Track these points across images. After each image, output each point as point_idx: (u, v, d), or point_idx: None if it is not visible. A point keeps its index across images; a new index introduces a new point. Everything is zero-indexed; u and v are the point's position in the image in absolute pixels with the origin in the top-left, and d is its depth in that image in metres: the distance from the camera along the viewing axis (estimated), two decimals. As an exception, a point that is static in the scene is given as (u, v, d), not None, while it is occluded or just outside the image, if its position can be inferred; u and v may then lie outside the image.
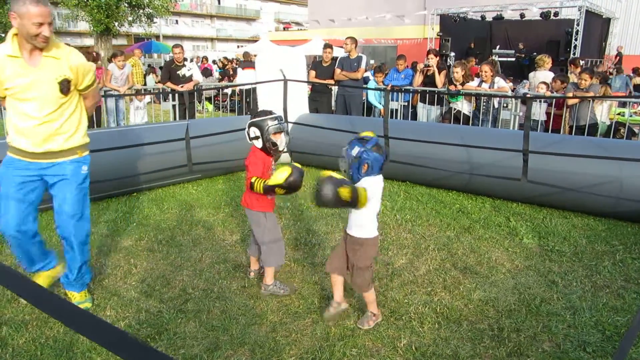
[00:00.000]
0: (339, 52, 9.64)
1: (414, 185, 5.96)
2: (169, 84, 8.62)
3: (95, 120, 8.22)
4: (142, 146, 5.25)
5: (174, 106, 8.65)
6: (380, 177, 2.81)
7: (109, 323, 0.91)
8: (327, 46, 8.52)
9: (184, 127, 5.51)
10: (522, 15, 17.01)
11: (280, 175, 2.92)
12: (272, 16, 54.99)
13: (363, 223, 2.81)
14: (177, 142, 5.44)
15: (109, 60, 9.38)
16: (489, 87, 7.14)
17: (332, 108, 9.13)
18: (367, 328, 2.88)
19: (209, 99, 13.29)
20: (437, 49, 14.70)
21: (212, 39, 49.95)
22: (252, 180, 3.09)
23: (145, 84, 11.12)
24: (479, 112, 7.25)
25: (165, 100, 9.24)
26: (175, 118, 8.59)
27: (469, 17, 17.52)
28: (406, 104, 8.56)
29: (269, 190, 3.01)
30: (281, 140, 3.22)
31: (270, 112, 3.25)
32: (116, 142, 5.18)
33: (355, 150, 2.74)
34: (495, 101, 7.14)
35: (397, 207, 5.14)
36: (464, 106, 7.44)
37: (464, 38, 17.59)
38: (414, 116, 8.53)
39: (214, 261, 3.81)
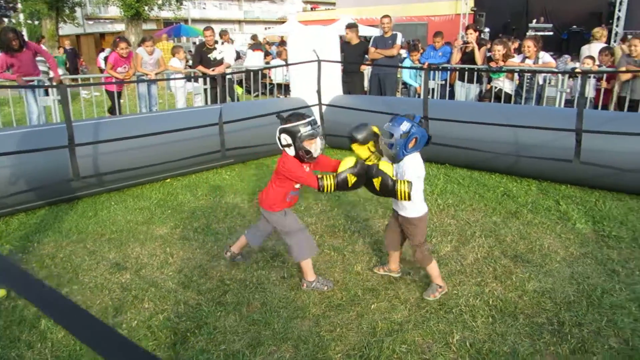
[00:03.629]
0: (367, 32, 9.33)
1: (453, 167, 5.71)
2: (200, 67, 8.51)
3: (127, 105, 8.21)
4: (175, 132, 5.14)
5: (205, 90, 8.54)
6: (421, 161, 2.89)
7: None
8: (351, 25, 8.22)
9: (217, 112, 5.38)
10: (561, -13, 16.17)
11: (349, 164, 2.82)
12: (299, -4, 54.26)
13: (416, 202, 2.88)
14: (210, 127, 5.32)
15: (139, 45, 9.32)
16: (533, 63, 6.74)
17: (365, 89, 8.88)
18: (433, 299, 2.93)
19: (239, 83, 13.17)
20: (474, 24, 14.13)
21: (239, 22, 49.73)
22: (319, 179, 2.84)
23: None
24: (522, 90, 6.88)
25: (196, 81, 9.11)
26: (206, 102, 8.49)
27: (505, -10, 16.78)
28: (443, 82, 8.22)
29: (343, 183, 2.81)
30: (316, 147, 2.89)
31: (303, 116, 2.89)
32: (149, 128, 5.10)
33: (405, 126, 2.76)
34: (540, 78, 6.74)
35: (437, 191, 4.91)
36: (505, 84, 7.06)
37: (500, 13, 16.87)
38: (452, 95, 8.19)
39: (251, 250, 3.70)
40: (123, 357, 0.77)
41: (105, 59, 10.64)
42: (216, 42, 8.92)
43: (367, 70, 8.70)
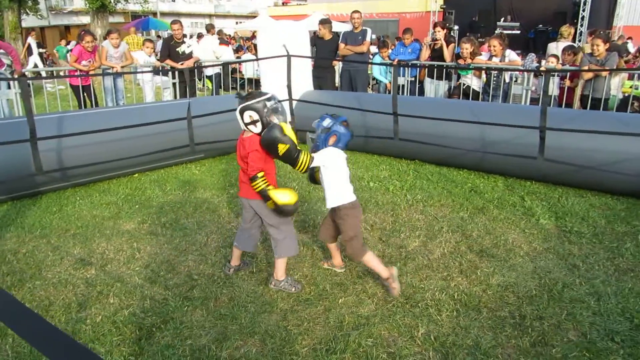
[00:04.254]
0: (338, 28, 9.36)
1: (422, 163, 5.79)
2: (168, 61, 8.37)
3: (93, 99, 8.01)
4: (142, 126, 5.05)
5: (174, 84, 8.40)
6: (342, 152, 3.00)
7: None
8: (324, 21, 8.22)
9: (185, 106, 5.31)
10: (527, -15, 16.52)
11: (285, 197, 2.80)
12: (271, -9, 53.88)
13: (334, 192, 2.98)
14: (178, 122, 5.24)
15: (104, 38, 9.09)
16: (500, 61, 6.88)
17: (336, 84, 8.90)
18: (398, 293, 2.94)
19: (209, 77, 13.02)
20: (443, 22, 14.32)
21: (210, 16, 49.06)
22: (258, 175, 2.79)
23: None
24: (489, 87, 7.02)
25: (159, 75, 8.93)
26: (175, 96, 8.35)
27: (473, -12, 17.04)
28: (413, 79, 8.31)
29: (265, 197, 2.80)
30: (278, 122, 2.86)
31: (263, 93, 2.88)
32: (115, 121, 4.99)
33: (327, 122, 2.96)
34: (506, 76, 6.89)
35: (406, 187, 4.97)
36: (473, 81, 7.20)
37: (468, 10, 17.15)
38: (421, 92, 8.29)
39: (220, 245, 3.67)
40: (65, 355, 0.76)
41: (69, 52, 10.35)
42: (184, 35, 8.78)
43: (338, 65, 8.72)
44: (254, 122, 2.83)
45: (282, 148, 2.74)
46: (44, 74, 11.70)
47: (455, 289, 3.03)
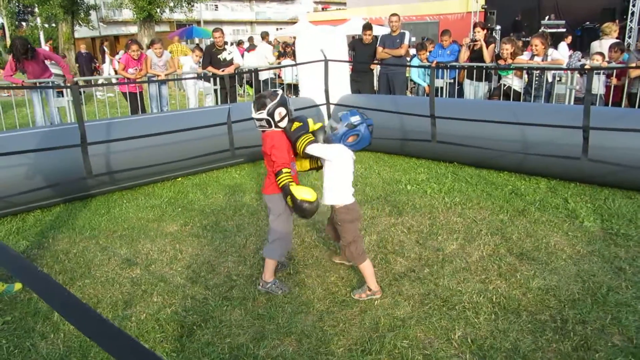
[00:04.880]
0: (377, 31, 9.36)
1: (461, 166, 5.71)
2: (210, 68, 8.60)
3: (140, 106, 8.33)
4: (185, 131, 5.22)
5: (215, 90, 8.63)
6: (352, 152, 2.94)
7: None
8: (367, 27, 8.24)
9: (226, 111, 5.45)
10: (573, -17, 15.99)
11: (305, 194, 2.83)
12: (310, -4, 54.39)
13: (333, 189, 2.94)
14: (219, 127, 5.39)
15: (148, 48, 9.44)
16: (542, 60, 6.71)
17: (375, 88, 8.90)
18: (358, 298, 2.94)
19: (249, 83, 13.28)
20: (483, 22, 14.05)
21: (251, 23, 49.97)
22: (283, 170, 2.87)
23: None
24: (531, 88, 6.85)
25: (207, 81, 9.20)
26: (217, 102, 8.58)
27: (516, -13, 16.65)
28: (452, 81, 8.20)
29: (287, 192, 2.85)
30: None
31: (274, 92, 2.97)
32: (159, 127, 5.18)
33: (356, 118, 2.87)
34: (549, 75, 6.71)
35: (445, 190, 4.92)
36: (514, 82, 7.04)
37: (511, 10, 16.74)
38: (461, 94, 8.17)
39: (259, 247, 3.75)
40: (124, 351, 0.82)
41: (119, 61, 10.83)
42: (226, 43, 9.00)
43: (376, 69, 8.72)
44: (282, 118, 2.92)
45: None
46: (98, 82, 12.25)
47: (493, 292, 2.99)
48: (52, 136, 4.75)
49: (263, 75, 11.67)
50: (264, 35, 13.73)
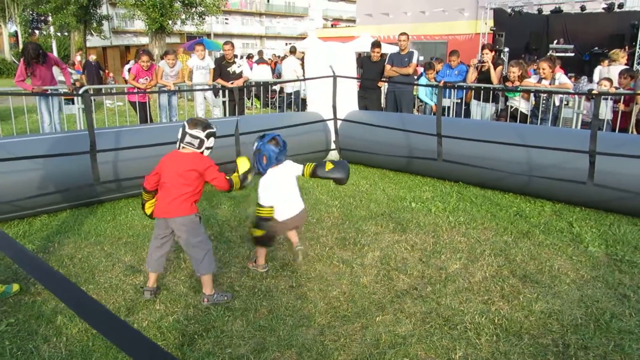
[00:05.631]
0: (386, 49, 9.47)
1: (467, 185, 5.72)
2: (219, 80, 8.69)
3: (149, 116, 8.41)
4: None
5: (224, 102, 8.71)
6: (285, 167, 3.41)
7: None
8: (376, 44, 8.33)
9: (234, 123, 5.50)
10: (582, 8, 16.12)
11: (244, 163, 3.29)
12: (320, 13, 55.08)
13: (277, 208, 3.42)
14: (226, 138, 5.44)
15: (161, 58, 9.57)
16: (549, 84, 6.75)
17: (382, 105, 8.96)
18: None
19: (257, 96, 13.40)
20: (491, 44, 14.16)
21: (261, 37, 50.54)
22: (231, 177, 3.24)
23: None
24: (538, 110, 6.88)
25: (216, 96, 9.30)
26: (225, 114, 8.65)
27: (524, 10, 16.78)
28: (459, 101, 8.26)
29: (245, 178, 3.24)
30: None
31: (206, 120, 3.20)
32: (168, 136, 5.22)
33: (254, 145, 3.30)
34: (556, 99, 6.74)
35: (449, 209, 4.93)
36: (521, 104, 7.08)
37: (519, 33, 16.87)
38: (467, 114, 8.22)
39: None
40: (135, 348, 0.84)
41: (129, 70, 10.95)
42: (235, 56, 9.11)
43: (384, 86, 8.80)
44: (208, 148, 3.19)
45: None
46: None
47: (495, 314, 2.98)
48: (61, 142, 4.80)
49: (288, 89, 12.38)
50: (293, 50, 14.10)
